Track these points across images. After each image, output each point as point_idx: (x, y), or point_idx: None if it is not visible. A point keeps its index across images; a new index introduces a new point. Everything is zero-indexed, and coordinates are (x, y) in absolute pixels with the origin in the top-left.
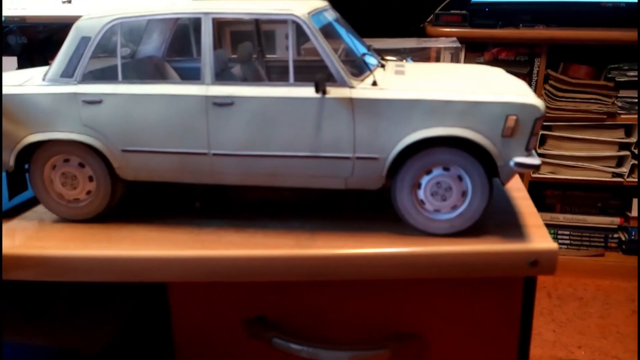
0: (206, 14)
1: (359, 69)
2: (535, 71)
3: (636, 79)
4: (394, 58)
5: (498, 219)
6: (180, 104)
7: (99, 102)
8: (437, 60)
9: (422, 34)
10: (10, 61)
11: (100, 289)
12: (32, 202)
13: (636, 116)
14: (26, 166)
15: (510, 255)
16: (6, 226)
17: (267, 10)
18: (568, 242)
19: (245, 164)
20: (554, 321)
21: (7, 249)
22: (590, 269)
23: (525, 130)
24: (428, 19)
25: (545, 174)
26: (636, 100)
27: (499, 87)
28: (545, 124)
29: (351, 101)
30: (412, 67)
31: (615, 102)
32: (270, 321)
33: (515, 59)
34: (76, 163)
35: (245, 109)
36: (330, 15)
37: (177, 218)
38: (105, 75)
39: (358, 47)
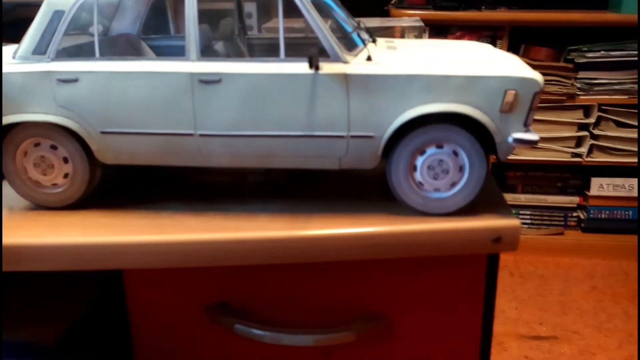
0: None
1: (351, 44)
2: None
3: (595, 60)
4: None
5: None
6: (164, 81)
7: (75, 80)
8: None
9: (386, 16)
10: None
11: (55, 278)
12: None
13: (595, 97)
14: None
15: (474, 233)
16: None
17: None
18: (529, 221)
19: (234, 145)
20: (516, 299)
21: None
22: (550, 247)
23: (524, 105)
24: (392, 1)
25: None
26: (595, 81)
27: (494, 61)
28: None
29: (346, 77)
30: (403, 43)
31: (575, 83)
32: (233, 307)
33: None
34: (49, 146)
35: (233, 86)
36: None
37: (131, 203)
38: (81, 52)
39: (349, 21)
